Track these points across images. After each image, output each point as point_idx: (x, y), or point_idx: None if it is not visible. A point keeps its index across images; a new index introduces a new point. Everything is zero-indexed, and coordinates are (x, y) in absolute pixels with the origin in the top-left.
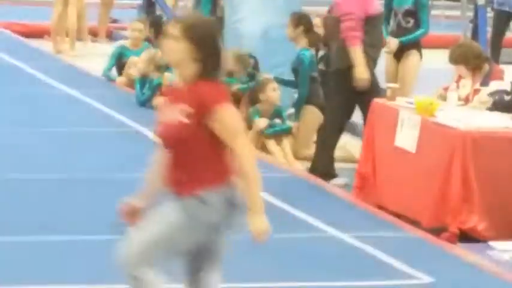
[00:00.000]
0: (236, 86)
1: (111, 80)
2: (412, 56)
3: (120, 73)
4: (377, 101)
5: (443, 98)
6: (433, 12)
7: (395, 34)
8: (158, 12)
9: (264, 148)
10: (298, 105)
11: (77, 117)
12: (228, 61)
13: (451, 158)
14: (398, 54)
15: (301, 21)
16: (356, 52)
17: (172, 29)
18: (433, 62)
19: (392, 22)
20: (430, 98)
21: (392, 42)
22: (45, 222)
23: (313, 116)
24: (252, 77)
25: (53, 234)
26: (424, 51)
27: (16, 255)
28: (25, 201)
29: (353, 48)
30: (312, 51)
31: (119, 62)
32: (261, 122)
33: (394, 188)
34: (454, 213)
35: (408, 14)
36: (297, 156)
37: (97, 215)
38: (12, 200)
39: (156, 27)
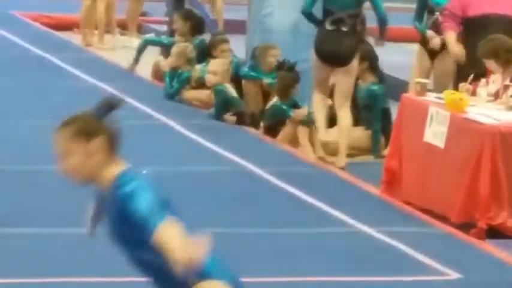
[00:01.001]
0: (266, 81)
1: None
2: (448, 55)
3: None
4: (406, 96)
5: (473, 93)
6: None
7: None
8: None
9: (296, 140)
10: (376, 140)
11: None
12: (257, 55)
13: (480, 153)
14: (434, 52)
15: (366, 56)
16: (446, 36)
17: None
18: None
19: (426, 19)
20: (460, 93)
21: (435, 42)
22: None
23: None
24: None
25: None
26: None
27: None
28: (53, 193)
29: (445, 34)
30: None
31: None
32: (300, 112)
33: (422, 184)
34: (482, 209)
35: None
36: None
37: None
38: (42, 192)
39: (192, 22)
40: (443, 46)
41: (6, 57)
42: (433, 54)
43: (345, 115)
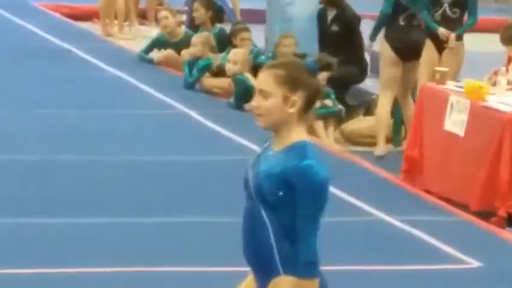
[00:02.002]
0: None
1: (146, 60)
2: (460, 48)
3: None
4: (426, 85)
5: (493, 82)
6: None
7: (440, 25)
8: None
9: (310, 131)
10: (397, 129)
11: (125, 99)
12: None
13: (500, 142)
14: (442, 46)
15: None
16: None
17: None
18: (483, 46)
19: (434, 12)
20: (480, 82)
21: (452, 39)
22: (94, 203)
23: None
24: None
25: (119, 216)
26: (475, 35)
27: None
28: (75, 183)
29: None
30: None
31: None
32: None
33: (442, 172)
34: (502, 197)
35: (455, 4)
36: None
37: (145, 197)
38: (63, 181)
39: (212, 10)
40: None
41: (27, 47)
42: (441, 47)
43: (411, 105)
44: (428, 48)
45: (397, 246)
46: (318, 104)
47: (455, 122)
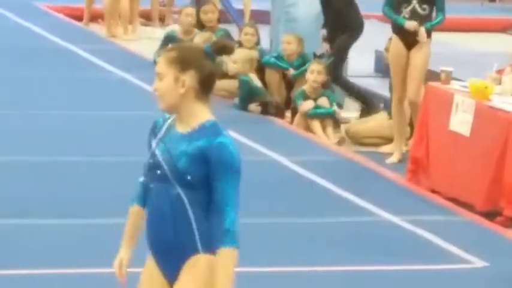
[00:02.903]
0: (291, 72)
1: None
2: (427, 45)
3: None
4: (431, 84)
5: (497, 81)
6: None
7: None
8: None
9: (309, 130)
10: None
11: (130, 100)
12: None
13: (505, 141)
14: (411, 42)
15: None
16: None
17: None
18: (486, 46)
19: (403, 8)
20: (485, 81)
21: (422, 32)
22: (103, 204)
23: None
24: (303, 61)
25: (113, 217)
26: (478, 35)
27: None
28: (77, 183)
29: None
30: None
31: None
32: (306, 105)
33: (447, 172)
34: (508, 197)
35: (424, 0)
36: None
37: None
38: (64, 182)
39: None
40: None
41: (31, 48)
42: (408, 43)
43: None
44: (396, 44)
45: (403, 246)
46: (312, 104)
47: (460, 122)
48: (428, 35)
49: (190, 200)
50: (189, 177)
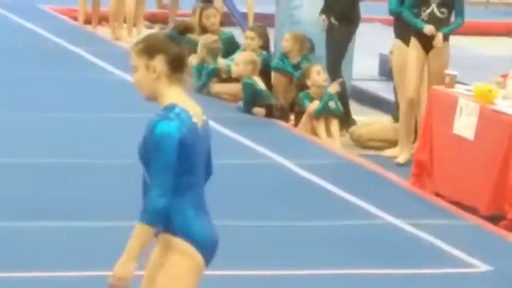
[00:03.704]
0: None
1: None
2: (446, 48)
3: None
4: (435, 88)
5: (502, 85)
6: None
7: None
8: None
9: (314, 133)
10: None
11: (134, 102)
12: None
13: (509, 145)
14: (428, 45)
15: None
16: None
17: None
18: (491, 49)
19: (422, 11)
20: (489, 85)
21: (439, 37)
22: (108, 208)
23: None
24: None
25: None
26: (483, 39)
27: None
28: (85, 186)
29: None
30: None
31: None
32: (313, 105)
33: (451, 176)
34: None
35: (443, 4)
36: None
37: None
38: (74, 184)
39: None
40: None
41: (36, 51)
42: (427, 46)
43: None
44: (416, 47)
45: (407, 249)
46: (317, 103)
47: (464, 125)
48: (446, 38)
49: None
50: (146, 159)
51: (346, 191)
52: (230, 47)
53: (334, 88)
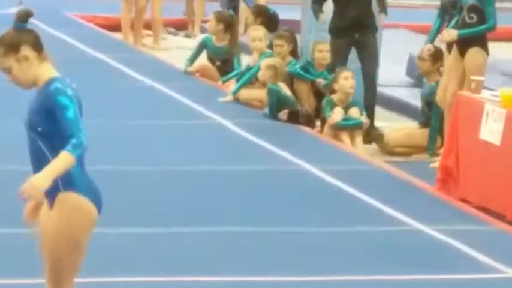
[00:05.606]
0: (320, 83)
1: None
2: (475, 53)
3: None
4: (462, 93)
5: None
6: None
7: (458, 30)
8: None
9: (337, 140)
10: (433, 138)
11: (160, 109)
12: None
13: None
14: (463, 50)
15: (436, 55)
16: None
17: None
18: None
19: (458, 18)
20: None
21: (447, 33)
22: (127, 213)
23: None
24: (331, 70)
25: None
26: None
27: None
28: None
29: None
30: None
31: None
32: (335, 116)
33: (478, 181)
34: None
35: (472, 9)
36: None
37: (181, 206)
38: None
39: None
40: (467, 43)
41: (62, 59)
42: (462, 51)
43: None
44: (454, 52)
45: (434, 255)
46: (342, 113)
47: (491, 131)
48: (476, 43)
49: (49, 149)
50: (41, 129)
51: (372, 197)
52: None
53: (335, 119)
